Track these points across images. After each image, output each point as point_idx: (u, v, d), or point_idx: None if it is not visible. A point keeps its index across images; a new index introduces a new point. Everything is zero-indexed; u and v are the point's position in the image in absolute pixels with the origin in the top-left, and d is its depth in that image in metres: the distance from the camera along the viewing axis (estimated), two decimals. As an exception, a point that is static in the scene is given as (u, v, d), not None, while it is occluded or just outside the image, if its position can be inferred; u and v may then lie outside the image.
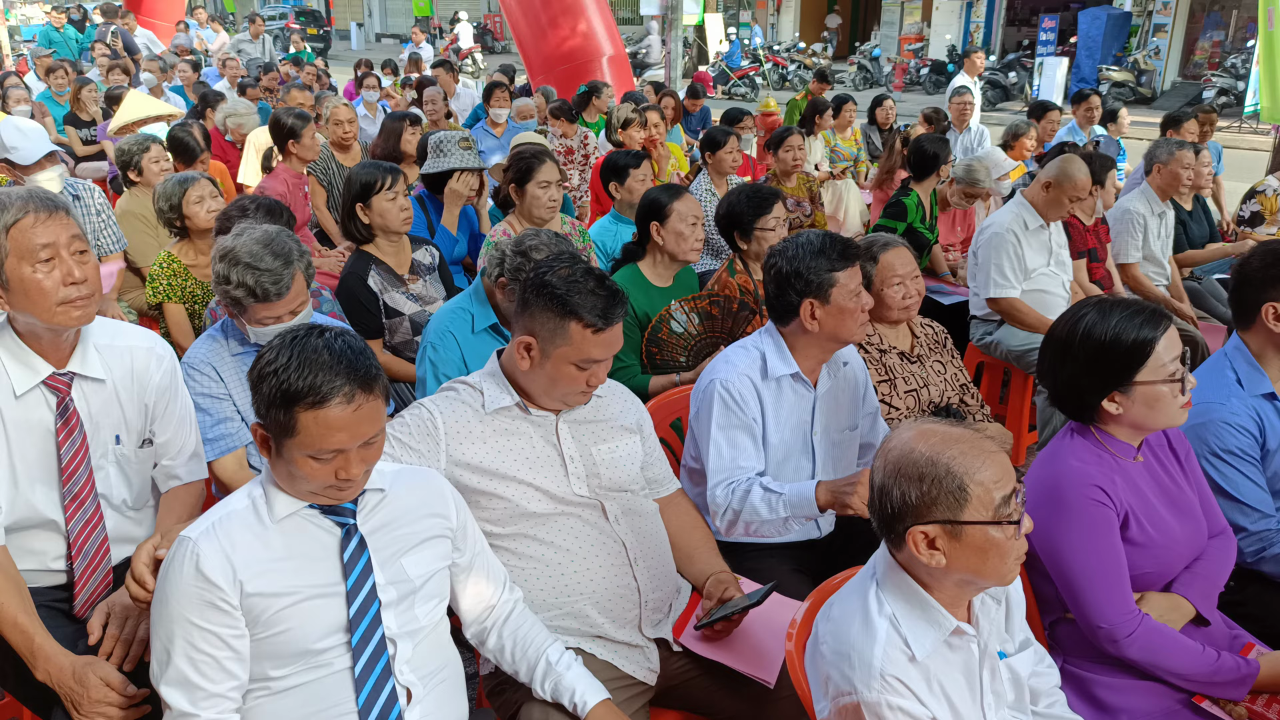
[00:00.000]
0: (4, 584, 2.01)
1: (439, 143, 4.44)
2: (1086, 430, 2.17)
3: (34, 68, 11.96)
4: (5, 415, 2.05)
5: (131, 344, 2.25)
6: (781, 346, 2.58)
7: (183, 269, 3.94)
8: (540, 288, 2.11)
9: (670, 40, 15.47)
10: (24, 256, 1.96)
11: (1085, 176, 4.20)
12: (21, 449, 2.08)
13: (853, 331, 2.53)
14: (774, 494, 2.35)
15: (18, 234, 1.96)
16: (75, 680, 1.91)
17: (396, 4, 35.67)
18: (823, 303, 2.50)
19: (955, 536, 1.58)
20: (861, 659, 1.61)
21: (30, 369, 2.07)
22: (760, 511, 2.35)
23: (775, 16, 28.59)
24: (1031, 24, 22.27)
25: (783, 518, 2.35)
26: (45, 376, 2.08)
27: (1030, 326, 4.18)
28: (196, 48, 16.27)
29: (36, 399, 2.09)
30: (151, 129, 6.67)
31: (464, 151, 4.41)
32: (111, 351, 2.20)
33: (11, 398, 2.05)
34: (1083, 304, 2.18)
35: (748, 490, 2.39)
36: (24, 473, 2.09)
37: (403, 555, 1.84)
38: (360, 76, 10.24)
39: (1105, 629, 2.04)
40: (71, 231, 2.03)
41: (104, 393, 2.17)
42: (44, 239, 1.97)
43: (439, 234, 4.43)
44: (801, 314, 2.51)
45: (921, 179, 5.31)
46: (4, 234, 1.96)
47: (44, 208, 1.99)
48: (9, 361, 2.06)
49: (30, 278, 1.96)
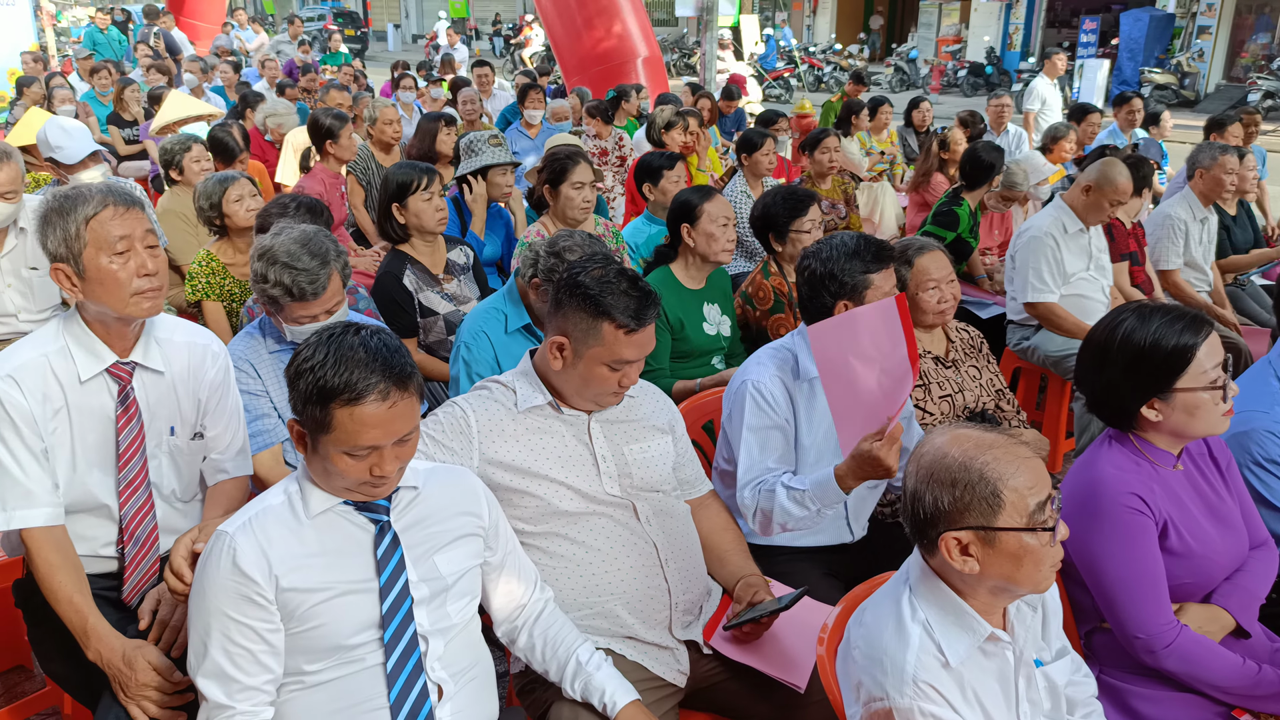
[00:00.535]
0: (62, 562, 2.07)
1: (470, 143, 4.47)
2: (1125, 437, 2.14)
3: (77, 69, 12.18)
4: (69, 399, 2.12)
5: (190, 340, 2.32)
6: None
7: (221, 267, 3.99)
8: (573, 288, 2.12)
9: (705, 42, 15.47)
10: (102, 248, 2.04)
11: (1126, 180, 4.14)
12: (82, 433, 2.14)
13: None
14: (798, 490, 2.34)
15: (96, 225, 2.04)
16: (124, 662, 1.96)
17: (433, 5, 35.94)
18: (856, 304, 2.48)
19: (989, 543, 1.57)
20: (894, 664, 1.60)
21: (96, 356, 2.13)
22: (791, 511, 2.34)
23: (811, 18, 28.49)
24: (1072, 26, 22.02)
25: (814, 510, 2.33)
26: (109, 364, 2.14)
27: (1068, 332, 4.13)
28: (237, 49, 16.50)
29: (99, 385, 2.15)
30: (192, 129, 6.77)
31: (495, 148, 4.43)
32: (171, 346, 2.27)
33: (76, 383, 2.11)
34: (1122, 309, 2.15)
35: (772, 491, 2.39)
36: (82, 455, 2.15)
37: (435, 553, 1.85)
38: (396, 78, 10.33)
39: (1143, 639, 2.01)
40: (145, 226, 2.10)
41: (162, 384, 2.23)
42: (121, 231, 2.05)
43: (467, 237, 4.46)
44: (836, 315, 2.50)
45: (974, 188, 5.24)
46: (84, 225, 2.03)
47: (122, 202, 2.07)
48: (75, 348, 2.12)
49: (106, 268, 2.04)
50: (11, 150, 3.58)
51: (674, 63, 24.15)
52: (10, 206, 3.49)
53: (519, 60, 24.12)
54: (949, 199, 5.23)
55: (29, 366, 2.07)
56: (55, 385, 2.10)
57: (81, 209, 2.04)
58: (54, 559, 2.07)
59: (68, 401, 2.11)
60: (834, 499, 2.29)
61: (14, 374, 2.05)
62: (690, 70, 23.24)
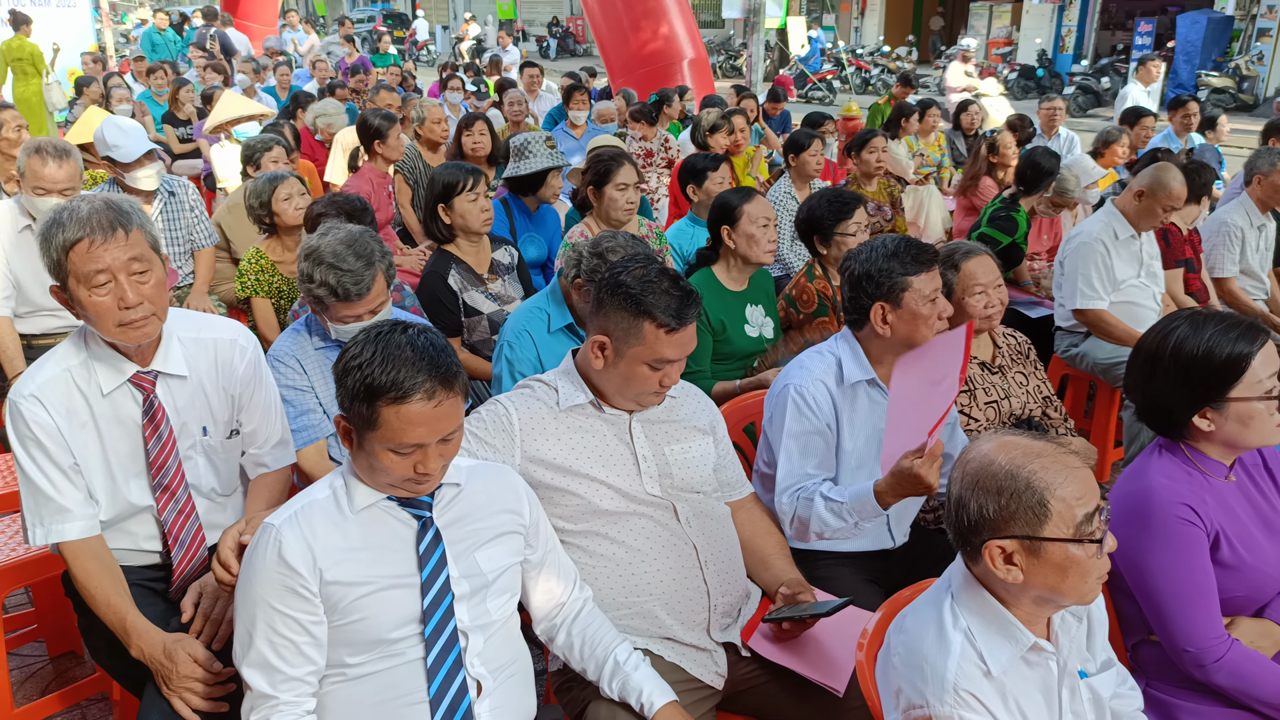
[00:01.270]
0: (99, 569, 2.11)
1: (523, 145, 4.49)
2: (1176, 447, 2.10)
3: (133, 69, 12.46)
4: (95, 412, 2.13)
5: (216, 336, 2.30)
6: (858, 352, 2.55)
7: (270, 265, 4.06)
8: (615, 287, 2.12)
9: (752, 43, 15.43)
10: (80, 280, 1.98)
11: (1180, 186, 4.05)
12: (113, 443, 2.16)
13: (927, 338, 2.48)
14: (836, 502, 2.33)
15: (75, 257, 1.97)
16: (165, 655, 1.99)
17: (480, 7, 36.21)
18: (894, 306, 2.46)
19: (1034, 552, 1.55)
20: (935, 672, 1.58)
21: (116, 369, 2.13)
22: (828, 521, 2.35)
23: (859, 20, 28.28)
24: (1126, 28, 21.65)
25: (850, 524, 2.33)
26: (130, 375, 2.15)
27: (1118, 339, 4.06)
28: (290, 49, 16.76)
29: (124, 395, 2.16)
30: (243, 129, 6.90)
31: (548, 151, 4.45)
32: (196, 345, 2.26)
33: (100, 395, 2.12)
34: (1175, 316, 2.12)
35: (810, 500, 2.38)
36: (118, 465, 2.17)
37: (476, 549, 1.86)
38: (444, 79, 10.43)
39: (1192, 653, 1.97)
40: (131, 253, 2.01)
41: (188, 387, 2.23)
42: (98, 265, 1.97)
43: (523, 241, 4.48)
44: (873, 317, 2.48)
45: (1031, 193, 5.16)
46: (64, 254, 1.97)
47: (100, 230, 1.97)
48: (96, 363, 2.12)
49: (88, 300, 2.00)
50: (70, 148, 3.67)
51: (720, 64, 24.11)
52: None
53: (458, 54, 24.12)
54: (1005, 204, 5.14)
55: (53, 383, 2.08)
56: (80, 399, 2.11)
57: (60, 235, 1.97)
58: (90, 566, 2.11)
59: (94, 414, 2.12)
60: (871, 514, 2.28)
61: (38, 392, 2.06)
62: (736, 72, 23.19)
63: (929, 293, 2.46)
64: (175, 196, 4.50)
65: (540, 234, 4.62)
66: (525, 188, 4.55)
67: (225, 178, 6.77)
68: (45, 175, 3.53)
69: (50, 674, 3.09)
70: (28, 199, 3.57)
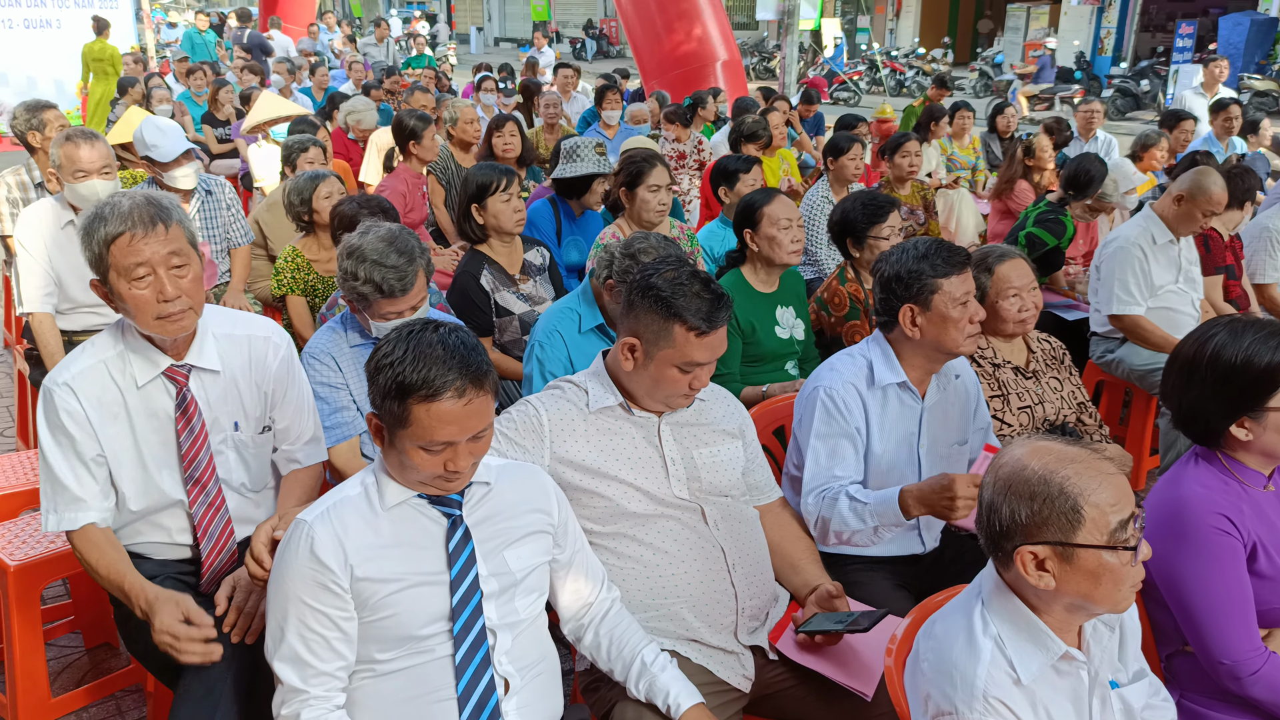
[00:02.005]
0: (104, 543, 2.16)
1: (573, 148, 4.50)
2: (1212, 455, 2.07)
3: (174, 70, 12.67)
4: (129, 404, 2.17)
5: (250, 333, 2.34)
6: (889, 354, 2.53)
7: (306, 263, 4.11)
8: (645, 289, 2.12)
9: (786, 45, 15.37)
10: (121, 273, 2.04)
11: (1221, 190, 3.99)
12: (145, 435, 2.19)
13: (958, 342, 2.45)
14: (859, 503, 2.32)
15: (116, 250, 2.02)
16: (147, 605, 2.01)
17: (515, 9, 36.39)
18: (923, 309, 2.44)
19: (1066, 559, 1.53)
20: (964, 679, 1.57)
21: (151, 362, 2.18)
22: (849, 521, 2.33)
23: (894, 21, 28.10)
24: (1167, 30, 21.33)
25: (872, 527, 2.32)
26: (164, 368, 2.18)
27: (1155, 345, 4.01)
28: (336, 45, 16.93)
29: (157, 388, 2.19)
30: (279, 129, 6.98)
31: (598, 157, 4.47)
32: (230, 341, 2.29)
33: (134, 387, 2.17)
34: (1213, 322, 2.08)
35: (835, 499, 2.37)
36: (150, 457, 2.21)
37: (505, 548, 1.87)
38: (479, 80, 10.48)
39: (1228, 665, 1.94)
40: (170, 247, 2.06)
41: (222, 382, 2.27)
42: (138, 258, 2.02)
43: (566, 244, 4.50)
44: (901, 319, 2.46)
45: (1081, 198, 5.08)
46: (105, 248, 2.03)
47: (142, 224, 2.03)
48: (132, 355, 2.17)
49: (128, 293, 2.05)
50: (95, 133, 3.75)
51: (753, 66, 24.04)
52: (110, 184, 3.64)
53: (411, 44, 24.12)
54: (1053, 207, 5.04)
55: (88, 373, 2.13)
56: (114, 390, 2.15)
57: (102, 229, 2.02)
58: (98, 541, 2.15)
59: (127, 406, 2.16)
60: (892, 520, 2.28)
61: (71, 381, 2.11)
62: (770, 74, 23.11)
63: (959, 295, 2.43)
64: (212, 195, 4.56)
65: (584, 237, 4.62)
66: (571, 191, 4.57)
67: (262, 177, 6.86)
68: (80, 158, 3.60)
69: (86, 665, 3.14)
70: (70, 190, 3.64)
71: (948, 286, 2.43)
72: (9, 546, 2.72)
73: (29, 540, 2.76)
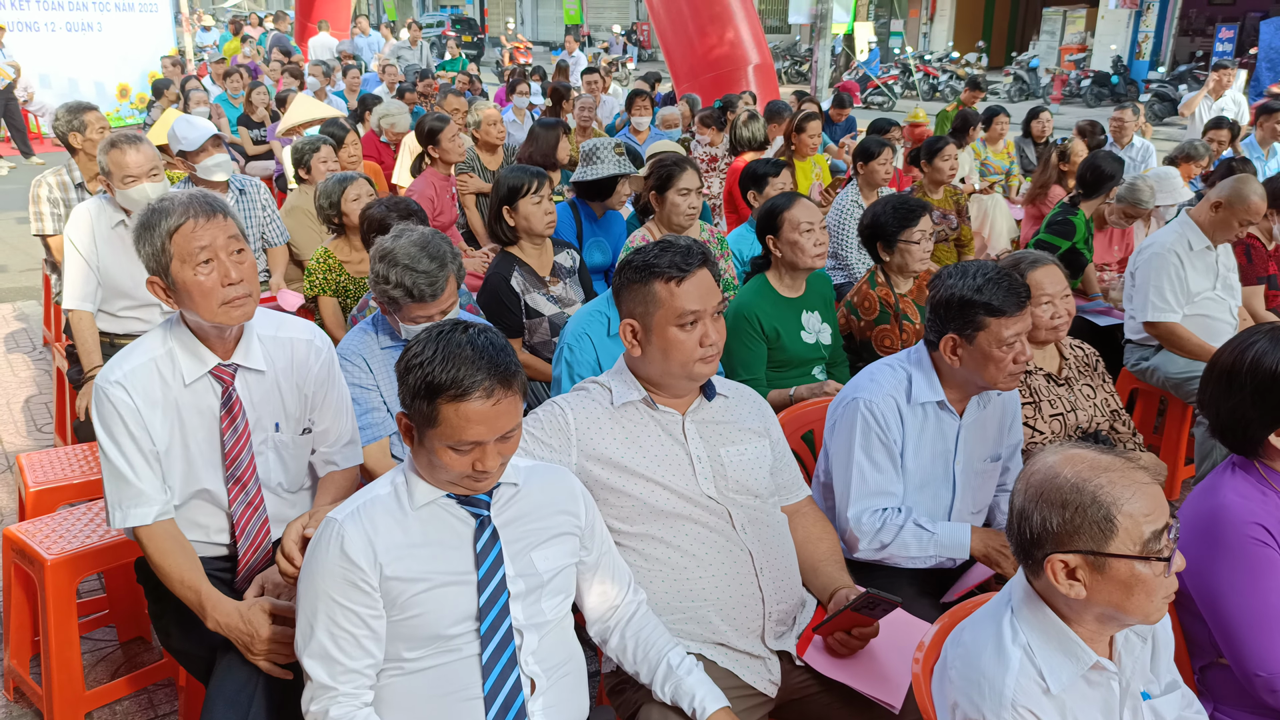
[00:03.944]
0: (174, 548, 2.18)
1: (592, 150, 4.50)
2: (1250, 465, 2.04)
3: (211, 73, 12.83)
4: (178, 400, 2.21)
5: (293, 336, 2.38)
6: (930, 372, 2.51)
7: (337, 264, 4.15)
8: (621, 270, 2.19)
9: (818, 48, 15.32)
10: (186, 260, 2.10)
11: (1260, 198, 3.93)
12: (192, 431, 2.24)
13: (995, 380, 2.41)
14: (927, 533, 2.35)
15: (180, 239, 2.09)
16: (243, 620, 2.05)
17: (548, 12, 36.55)
18: (966, 342, 2.40)
19: (1098, 568, 1.51)
20: (993, 687, 1.56)
21: (199, 360, 2.22)
22: (910, 547, 2.38)
23: (928, 25, 27.93)
24: (1206, 34, 21.06)
25: (929, 555, 2.35)
26: (212, 367, 2.23)
27: (1191, 353, 3.95)
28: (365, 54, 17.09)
29: (204, 387, 2.24)
30: (313, 131, 7.04)
31: (618, 158, 4.46)
32: (275, 343, 2.34)
33: (182, 385, 2.21)
34: (1253, 330, 2.05)
35: (900, 525, 2.40)
36: (196, 452, 2.25)
37: (532, 549, 1.88)
38: (511, 84, 10.53)
39: (1264, 678, 1.91)
40: (229, 233, 2.14)
41: (265, 383, 2.31)
42: (203, 242, 2.10)
43: (589, 245, 4.50)
44: (942, 346, 2.44)
45: (1091, 197, 5.05)
46: (168, 239, 2.10)
47: (202, 212, 2.11)
48: (180, 353, 2.21)
49: (193, 280, 2.10)
50: (140, 135, 3.79)
51: (785, 70, 23.98)
52: (159, 185, 3.69)
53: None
54: (1063, 208, 5.04)
55: (138, 371, 2.17)
56: (164, 387, 2.19)
57: (164, 222, 2.09)
58: (165, 545, 2.18)
59: (177, 403, 2.21)
60: (956, 552, 2.35)
61: (123, 380, 2.15)
62: (802, 78, 23.05)
63: (1007, 337, 2.36)
64: (246, 194, 4.61)
65: (606, 239, 4.63)
66: (593, 193, 4.57)
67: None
68: (129, 163, 3.64)
69: (120, 658, 3.19)
70: (121, 195, 3.68)
71: (996, 326, 2.36)
72: (46, 541, 2.77)
73: (65, 535, 2.81)
